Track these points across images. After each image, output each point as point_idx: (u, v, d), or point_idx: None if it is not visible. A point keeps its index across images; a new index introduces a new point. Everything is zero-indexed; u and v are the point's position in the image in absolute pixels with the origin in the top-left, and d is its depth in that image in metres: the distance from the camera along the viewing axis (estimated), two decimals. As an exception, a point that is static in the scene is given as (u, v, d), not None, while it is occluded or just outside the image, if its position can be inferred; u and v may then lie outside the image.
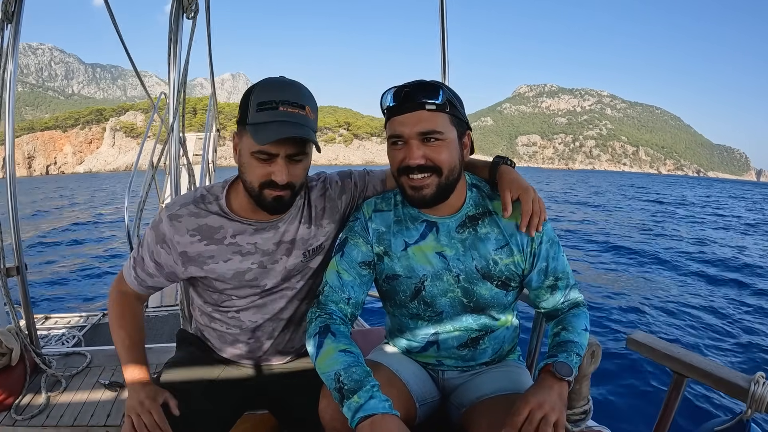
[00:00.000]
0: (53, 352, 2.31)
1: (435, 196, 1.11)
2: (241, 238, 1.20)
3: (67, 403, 1.93)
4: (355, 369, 0.97)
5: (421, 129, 1.05)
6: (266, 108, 1.02)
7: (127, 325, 1.23)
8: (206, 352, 1.38)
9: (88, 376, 2.14)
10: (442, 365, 1.30)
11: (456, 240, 1.18)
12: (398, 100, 1.08)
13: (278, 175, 1.06)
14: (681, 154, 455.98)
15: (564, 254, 1.22)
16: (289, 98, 1.03)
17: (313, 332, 1.09)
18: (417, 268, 1.19)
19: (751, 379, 1.04)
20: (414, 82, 1.09)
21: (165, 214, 1.18)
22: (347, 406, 0.91)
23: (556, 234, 1.22)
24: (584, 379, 1.33)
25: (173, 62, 2.16)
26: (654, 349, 1.22)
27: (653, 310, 6.36)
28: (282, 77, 1.09)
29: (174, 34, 2.18)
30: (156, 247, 1.17)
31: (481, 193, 1.23)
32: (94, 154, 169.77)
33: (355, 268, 1.20)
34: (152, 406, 1.11)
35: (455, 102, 1.10)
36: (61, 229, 15.41)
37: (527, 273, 1.19)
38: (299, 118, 1.03)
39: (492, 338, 1.26)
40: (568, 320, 1.16)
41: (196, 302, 1.35)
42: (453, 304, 1.20)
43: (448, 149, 1.08)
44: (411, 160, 1.07)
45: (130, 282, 1.24)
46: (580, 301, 1.23)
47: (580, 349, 1.09)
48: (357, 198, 1.35)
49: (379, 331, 2.03)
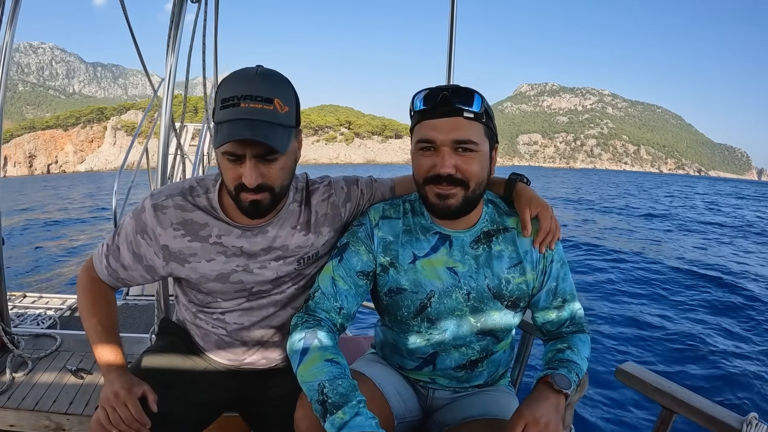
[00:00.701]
0: (23, 332, 2.26)
1: (459, 208, 1.05)
2: (227, 239, 1.13)
3: (30, 386, 1.89)
4: (341, 381, 0.91)
5: (456, 137, 0.99)
6: (228, 105, 0.94)
7: (99, 312, 1.14)
8: (189, 346, 1.31)
9: (56, 360, 2.10)
10: (433, 384, 1.25)
11: (469, 256, 1.12)
12: (433, 104, 1.01)
13: (247, 177, 0.97)
14: (682, 153, 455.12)
15: (571, 276, 1.19)
16: (252, 92, 0.93)
17: (297, 338, 1.02)
18: (425, 282, 1.12)
19: (743, 420, 1.00)
20: (451, 86, 1.02)
21: (149, 203, 1.11)
22: (330, 421, 0.85)
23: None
24: (568, 407, 1.30)
25: (172, 49, 2.06)
26: (644, 382, 1.19)
27: (645, 338, 6.22)
28: (252, 67, 0.98)
29: (176, 17, 2.07)
30: (136, 237, 1.11)
31: (497, 210, 1.18)
32: (95, 153, 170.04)
33: (353, 276, 1.13)
34: (128, 398, 1.00)
35: (490, 113, 1.05)
36: (50, 220, 15.45)
37: (536, 292, 1.15)
38: (263, 113, 0.94)
39: (490, 361, 1.22)
40: (573, 342, 1.12)
41: (181, 299, 1.29)
42: (459, 324, 1.14)
43: (480, 161, 1.03)
44: (442, 168, 1.00)
45: (100, 271, 1.16)
46: (585, 327, 1.19)
47: (580, 372, 1.05)
48: (362, 207, 1.28)
49: (362, 341, 1.98)
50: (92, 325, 1.13)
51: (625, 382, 1.24)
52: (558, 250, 1.16)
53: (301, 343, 1.00)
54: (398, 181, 1.34)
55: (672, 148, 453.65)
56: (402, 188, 1.32)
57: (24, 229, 12.30)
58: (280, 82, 0.99)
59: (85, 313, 1.15)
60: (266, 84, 0.96)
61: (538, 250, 1.12)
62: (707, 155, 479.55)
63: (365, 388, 1.10)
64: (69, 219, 13.90)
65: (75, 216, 14.22)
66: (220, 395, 1.27)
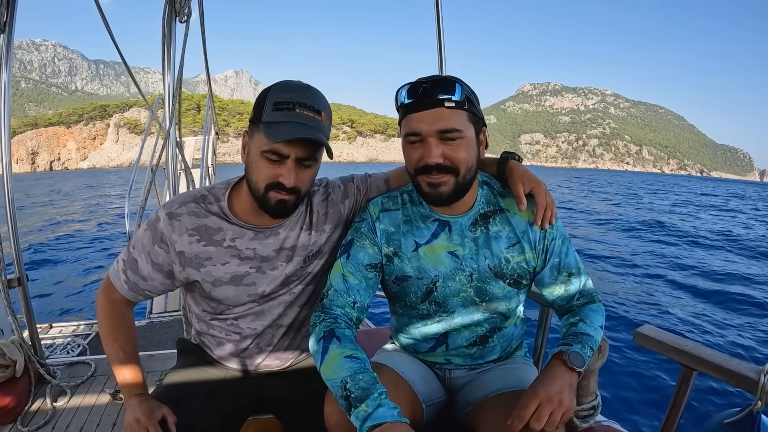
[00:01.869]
0: (58, 362, 2.30)
1: (452, 195, 1.08)
2: (241, 242, 1.17)
3: (72, 413, 1.93)
4: (362, 376, 0.94)
5: (440, 126, 1.02)
6: (282, 108, 1.00)
7: (120, 339, 1.17)
8: (206, 360, 1.35)
9: (93, 385, 2.13)
10: (449, 364, 1.28)
11: (469, 239, 1.16)
12: (415, 97, 1.05)
13: (286, 178, 1.03)
14: (684, 154, 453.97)
15: (575, 251, 1.21)
16: (306, 101, 1.01)
17: (317, 337, 1.05)
18: (428, 268, 1.16)
19: (761, 371, 1.02)
20: (431, 78, 1.06)
21: (163, 213, 1.14)
22: (355, 414, 0.89)
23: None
24: (592, 374, 1.33)
25: (167, 66, 2.12)
26: (662, 343, 1.21)
27: (661, 304, 6.33)
28: (300, 81, 1.07)
29: (167, 38, 2.15)
30: (153, 248, 1.13)
31: (492, 191, 1.21)
32: (97, 150, 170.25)
33: (361, 270, 1.16)
34: (149, 423, 1.07)
35: (473, 98, 1.08)
36: (63, 235, 15.43)
37: (539, 270, 1.18)
38: (314, 122, 1.02)
39: (501, 336, 1.25)
40: (585, 313, 1.14)
41: (194, 309, 1.31)
42: (465, 303, 1.18)
43: (467, 147, 1.05)
44: (429, 158, 1.03)
45: (120, 287, 1.17)
46: (596, 297, 1.21)
47: (594, 344, 1.07)
48: (360, 202, 1.32)
49: (383, 331, 2.00)
50: (114, 350, 1.16)
51: (644, 344, 1.26)
52: (558, 226, 1.18)
53: (321, 342, 1.03)
54: (392, 174, 1.38)
55: (674, 149, 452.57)
56: (396, 181, 1.36)
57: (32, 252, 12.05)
58: (325, 100, 1.07)
59: (107, 338, 1.17)
60: (316, 98, 1.04)
61: (540, 228, 1.14)
62: (709, 156, 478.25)
63: (388, 378, 1.14)
64: (81, 236, 13.82)
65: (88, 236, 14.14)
66: (240, 401, 1.30)
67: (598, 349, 1.18)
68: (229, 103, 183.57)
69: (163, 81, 2.14)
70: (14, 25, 1.92)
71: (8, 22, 1.90)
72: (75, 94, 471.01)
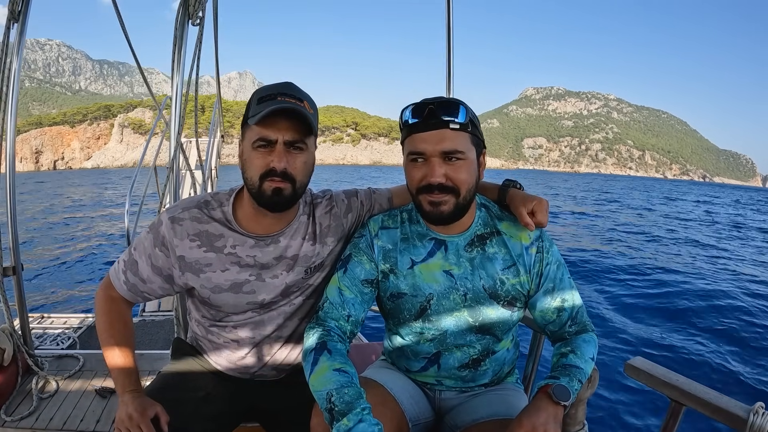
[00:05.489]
0: (46, 354, 2.30)
1: (452, 214, 1.10)
2: (241, 249, 1.17)
3: (57, 407, 1.93)
4: (348, 390, 0.94)
5: (444, 148, 1.04)
6: (266, 99, 1.05)
7: (117, 335, 1.18)
8: (202, 363, 1.35)
9: (80, 380, 2.13)
10: (440, 385, 1.29)
11: (464, 258, 1.17)
12: (421, 117, 1.06)
13: (277, 162, 1.05)
14: (687, 159, 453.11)
15: (570, 277, 1.21)
16: (286, 91, 1.06)
17: (309, 348, 1.07)
18: (423, 286, 1.17)
19: (750, 410, 1.02)
20: (437, 99, 1.08)
21: (166, 217, 1.15)
22: (336, 428, 0.89)
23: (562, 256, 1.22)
24: (580, 403, 1.32)
25: (177, 68, 2.13)
26: (652, 376, 1.20)
27: (654, 335, 6.26)
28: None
29: (179, 40, 2.16)
30: (154, 251, 1.14)
31: (489, 213, 1.22)
32: (101, 150, 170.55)
33: (357, 285, 1.18)
34: (141, 420, 1.07)
35: (476, 121, 1.10)
36: (59, 225, 15.40)
37: (533, 294, 1.19)
38: (296, 106, 1.05)
39: (493, 360, 1.25)
40: (577, 344, 1.14)
41: (194, 314, 1.32)
42: (458, 323, 1.18)
43: (468, 169, 1.08)
44: (432, 178, 1.05)
45: (119, 287, 1.19)
46: (589, 326, 1.21)
47: (584, 376, 1.08)
48: (363, 217, 1.33)
49: (374, 347, 2.00)
50: (110, 345, 1.17)
51: (634, 376, 1.26)
52: (553, 252, 1.19)
53: (312, 354, 1.04)
54: (396, 191, 1.39)
55: (677, 154, 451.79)
56: (399, 198, 1.37)
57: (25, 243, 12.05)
58: (307, 94, 1.11)
59: (104, 334, 1.19)
60: (297, 89, 1.09)
61: (527, 227, 1.14)
62: (712, 161, 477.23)
63: (376, 394, 1.14)
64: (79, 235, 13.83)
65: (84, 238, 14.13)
66: (233, 408, 1.31)
67: (588, 378, 1.18)
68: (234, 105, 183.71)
69: (172, 82, 2.14)
70: (28, 15, 1.93)
71: (23, 11, 1.91)
72: (79, 93, 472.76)
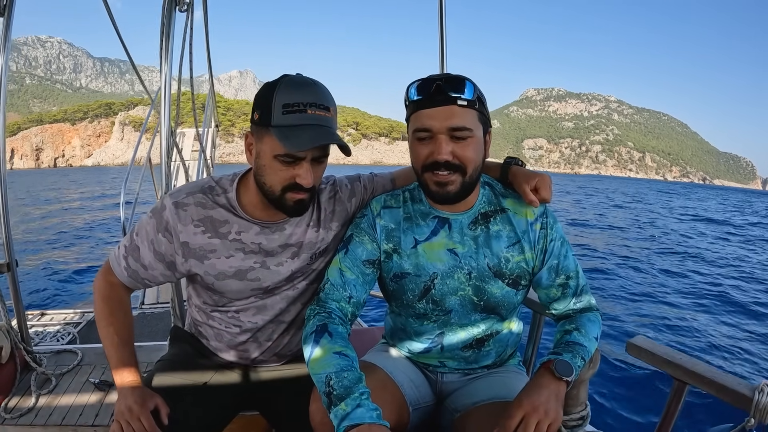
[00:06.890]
0: (44, 350, 2.29)
1: (459, 193, 1.08)
2: (246, 236, 1.15)
3: (56, 402, 1.91)
4: (347, 374, 0.92)
5: (451, 124, 1.01)
6: (293, 111, 0.97)
7: (116, 322, 1.15)
8: (200, 351, 1.33)
9: (79, 375, 2.12)
10: (443, 367, 1.27)
11: (468, 237, 1.15)
12: (427, 93, 1.03)
13: (304, 179, 1.02)
14: (687, 161, 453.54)
15: (574, 255, 1.20)
16: (315, 100, 0.99)
17: (309, 330, 1.05)
18: (427, 266, 1.15)
19: (755, 388, 1.01)
20: (444, 75, 1.04)
21: (169, 201, 1.11)
22: (334, 413, 0.87)
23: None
24: (582, 384, 1.30)
25: (165, 57, 2.08)
26: (655, 355, 1.19)
27: (656, 315, 6.29)
28: (301, 75, 1.04)
29: (166, 27, 2.10)
30: (157, 236, 1.11)
31: (493, 191, 1.20)
32: (102, 148, 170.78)
33: (359, 266, 1.16)
34: (141, 412, 1.05)
35: (483, 99, 1.07)
36: (55, 223, 15.42)
37: (537, 271, 1.17)
38: (327, 120, 1.00)
39: (496, 340, 1.23)
40: (582, 322, 1.12)
41: (194, 300, 1.29)
42: (463, 303, 1.16)
43: (475, 147, 1.05)
44: (439, 155, 1.02)
45: (119, 273, 1.16)
46: (593, 305, 1.19)
47: (587, 354, 1.06)
48: (366, 200, 1.32)
49: (373, 331, 1.99)
50: (108, 334, 1.14)
51: (637, 355, 1.24)
52: (557, 228, 1.17)
53: (312, 336, 1.02)
54: (398, 174, 1.38)
55: (677, 156, 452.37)
56: (402, 180, 1.36)
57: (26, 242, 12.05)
58: (329, 92, 1.05)
59: (103, 321, 1.15)
60: (324, 94, 1.02)
61: (531, 204, 1.13)
62: (712, 164, 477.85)
63: (377, 378, 1.13)
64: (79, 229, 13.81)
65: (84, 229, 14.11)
66: (233, 396, 1.29)
67: (590, 358, 1.16)
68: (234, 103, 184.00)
69: (160, 72, 2.08)
70: (14, 9, 1.89)
71: (8, 5, 1.87)
72: (79, 91, 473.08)
